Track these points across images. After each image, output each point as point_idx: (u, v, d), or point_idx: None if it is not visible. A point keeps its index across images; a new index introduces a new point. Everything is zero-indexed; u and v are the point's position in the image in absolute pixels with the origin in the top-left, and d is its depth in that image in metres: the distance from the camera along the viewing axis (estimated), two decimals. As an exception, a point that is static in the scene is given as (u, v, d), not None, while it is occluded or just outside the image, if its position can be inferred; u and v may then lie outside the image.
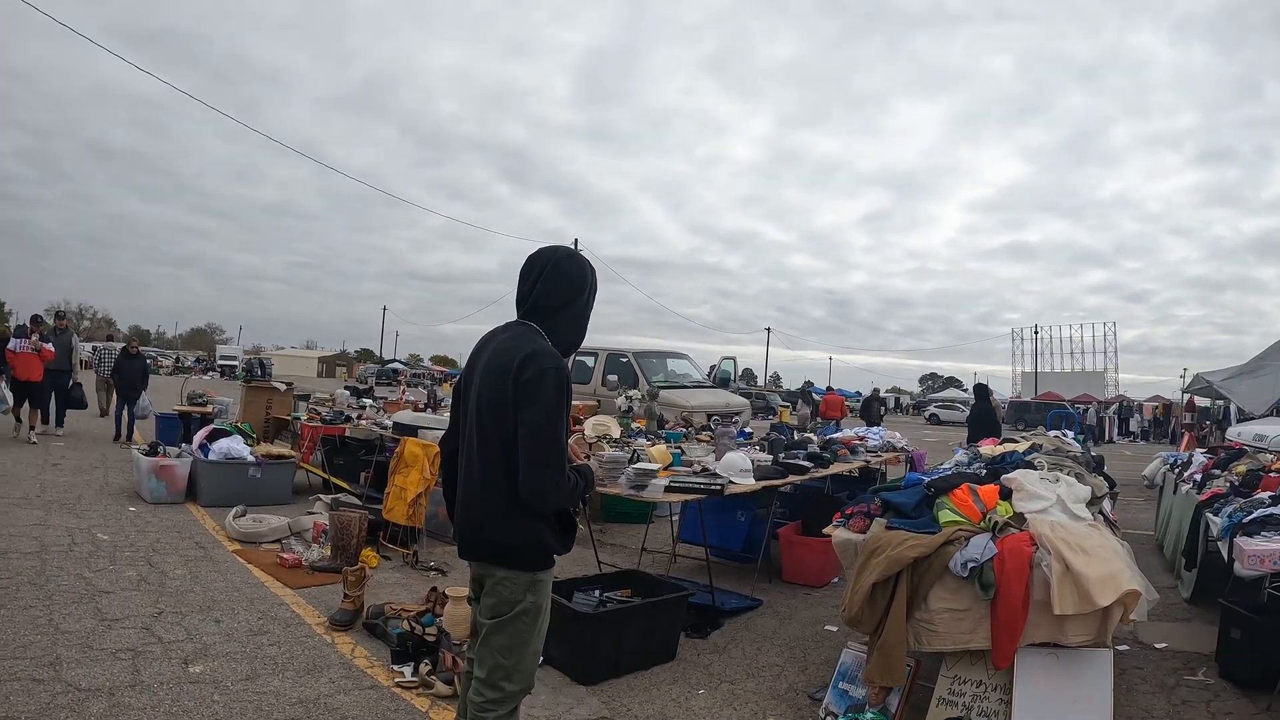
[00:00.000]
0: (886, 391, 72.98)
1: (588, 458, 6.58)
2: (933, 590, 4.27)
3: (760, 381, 73.41)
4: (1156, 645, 6.20)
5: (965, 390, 71.26)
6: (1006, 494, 4.80)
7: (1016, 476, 4.93)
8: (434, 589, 5.68)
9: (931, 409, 59.92)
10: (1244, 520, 5.37)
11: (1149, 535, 10.56)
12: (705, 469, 6.65)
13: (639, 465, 6.01)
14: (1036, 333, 64.25)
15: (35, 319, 13.96)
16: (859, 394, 60.41)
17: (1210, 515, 6.32)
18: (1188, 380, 23.41)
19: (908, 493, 5.02)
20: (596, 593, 5.50)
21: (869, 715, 4.32)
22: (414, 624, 5.15)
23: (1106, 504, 5.58)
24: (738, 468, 6.37)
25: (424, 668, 4.70)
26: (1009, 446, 7.00)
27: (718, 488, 6.00)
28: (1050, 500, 4.68)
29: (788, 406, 40.27)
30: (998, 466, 5.70)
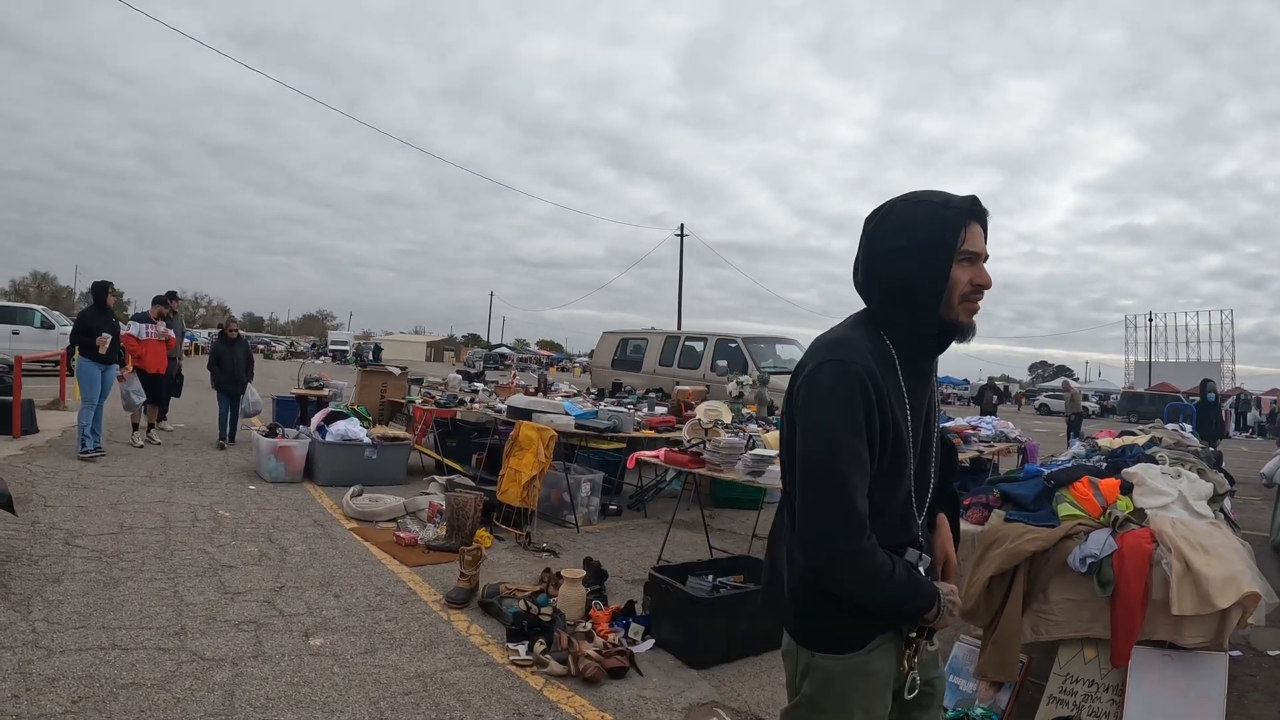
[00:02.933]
0: (997, 379, 71.61)
1: (704, 443, 6.56)
2: (1051, 584, 4.21)
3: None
4: (1270, 652, 6.01)
5: (1078, 380, 69.59)
6: (1127, 489, 4.67)
7: (1138, 471, 4.78)
8: (548, 570, 5.72)
9: (1041, 398, 58.69)
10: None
11: (1264, 536, 10.13)
12: None
13: (756, 451, 5.96)
14: (1150, 320, 62.46)
15: (159, 300, 12.48)
16: (967, 382, 59.21)
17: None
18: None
19: (1027, 485, 4.92)
20: (710, 578, 5.49)
21: (979, 711, 4.28)
22: (529, 604, 5.20)
23: (1227, 502, 5.35)
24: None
25: (539, 646, 4.75)
26: (1128, 440, 6.75)
27: None
28: (1172, 496, 4.54)
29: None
30: (1118, 460, 5.55)
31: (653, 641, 5.11)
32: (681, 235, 45.32)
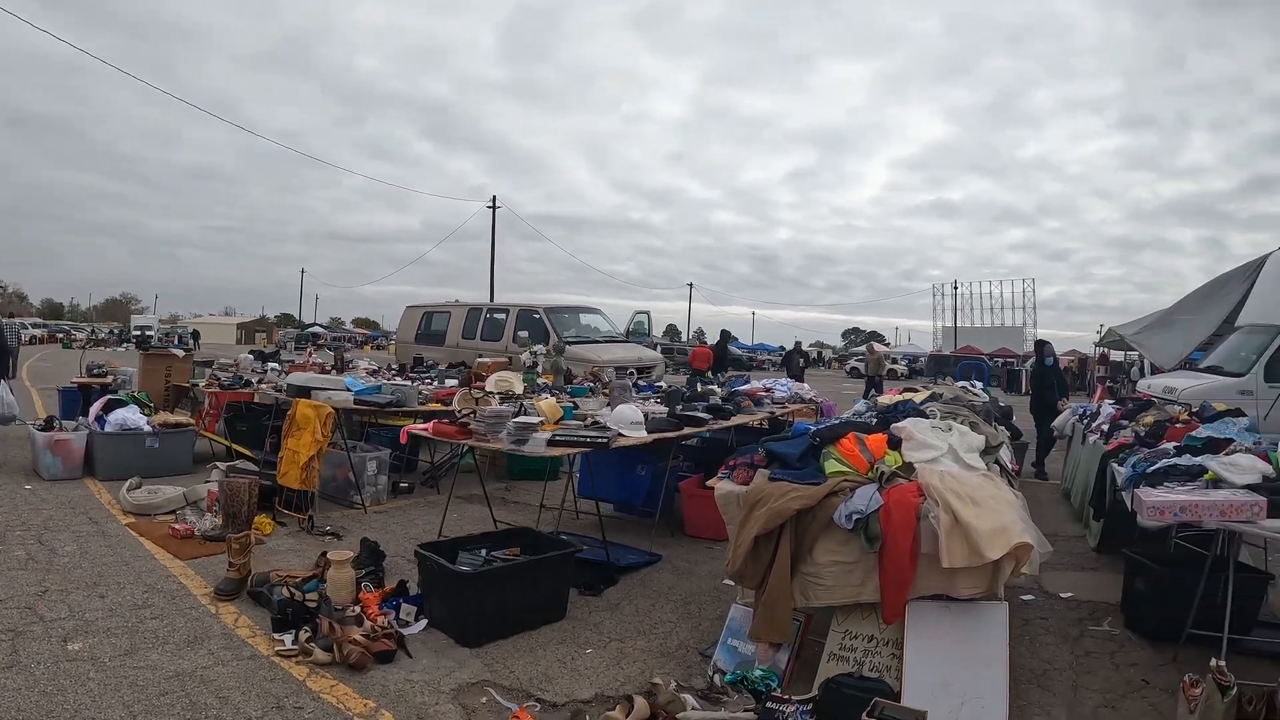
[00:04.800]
0: (810, 346, 73.73)
1: (473, 413, 6.47)
2: (818, 543, 4.19)
3: (685, 337, 73.55)
4: (1062, 595, 6.22)
5: (888, 344, 72.58)
6: (896, 443, 4.72)
7: (906, 425, 4.84)
8: (323, 554, 5.52)
9: (852, 362, 60.59)
10: (1148, 470, 5.34)
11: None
12: (596, 422, 6.52)
13: (520, 419, 5.86)
14: (956, 289, 65.40)
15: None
16: (782, 348, 60.84)
17: (1115, 465, 6.31)
18: (1102, 334, 23.77)
19: (793, 443, 4.89)
20: (483, 552, 5.34)
21: (758, 672, 4.23)
22: (295, 590, 4.99)
23: (1004, 454, 5.53)
24: (628, 420, 6.28)
25: (303, 635, 4.54)
26: (907, 396, 6.97)
27: (604, 440, 5.90)
28: (941, 450, 4.61)
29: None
30: (888, 415, 5.61)
31: (425, 622, 4.94)
32: (494, 207, 44.91)
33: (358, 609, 4.78)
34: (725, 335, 21.80)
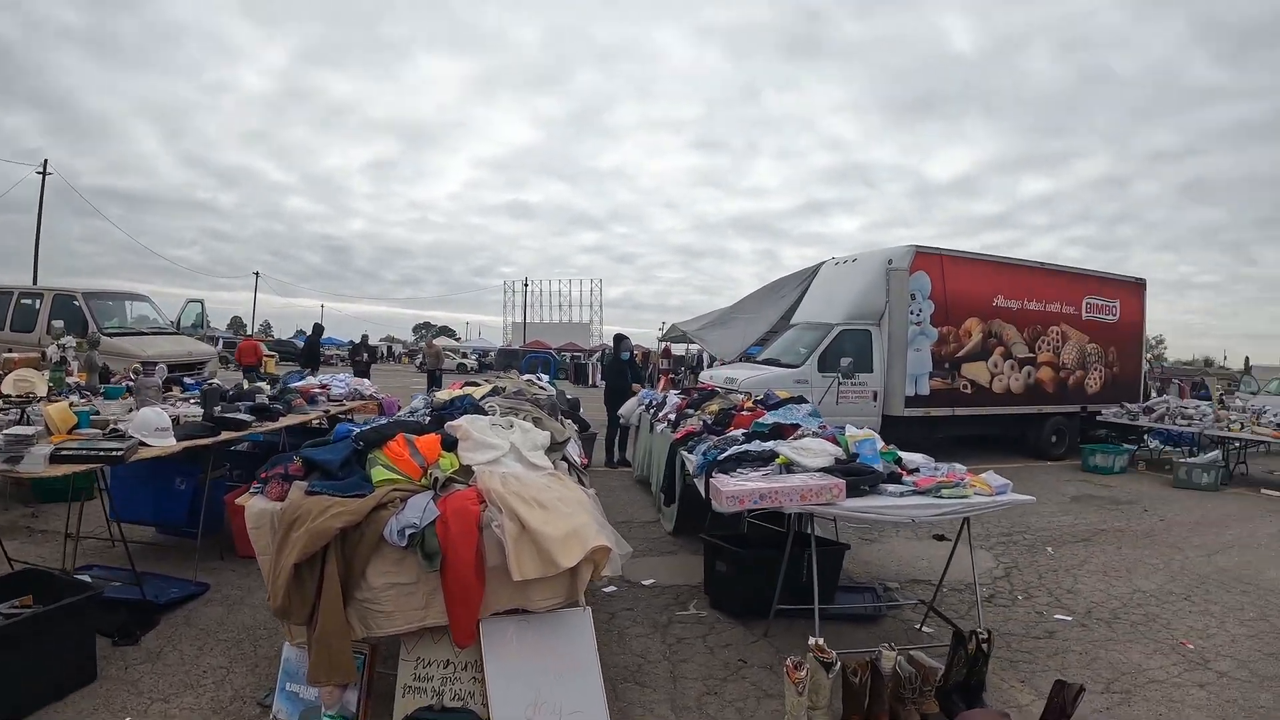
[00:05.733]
0: (380, 340, 72.67)
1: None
2: (371, 565, 3.67)
3: (251, 330, 69.78)
4: (645, 582, 6.18)
5: (459, 339, 73.27)
6: (452, 444, 4.31)
7: (462, 423, 4.45)
8: None
9: (421, 356, 60.53)
10: (719, 458, 5.34)
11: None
12: (115, 430, 5.45)
13: (10, 430, 4.74)
14: (527, 285, 67.21)
15: None
16: (351, 342, 59.72)
17: (685, 453, 6.35)
18: (665, 330, 24.99)
19: (334, 448, 4.29)
20: (-12, 604, 4.23)
21: (326, 718, 3.69)
22: None
23: (572, 449, 5.33)
24: (153, 426, 5.36)
25: None
26: (467, 391, 6.58)
27: (119, 453, 4.87)
28: (502, 449, 4.26)
29: (273, 356, 38.19)
30: (443, 413, 5.22)
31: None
32: (44, 173, 39.19)
33: None
34: (318, 329, 20.75)
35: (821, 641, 3.87)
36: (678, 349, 33.00)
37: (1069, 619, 5.98)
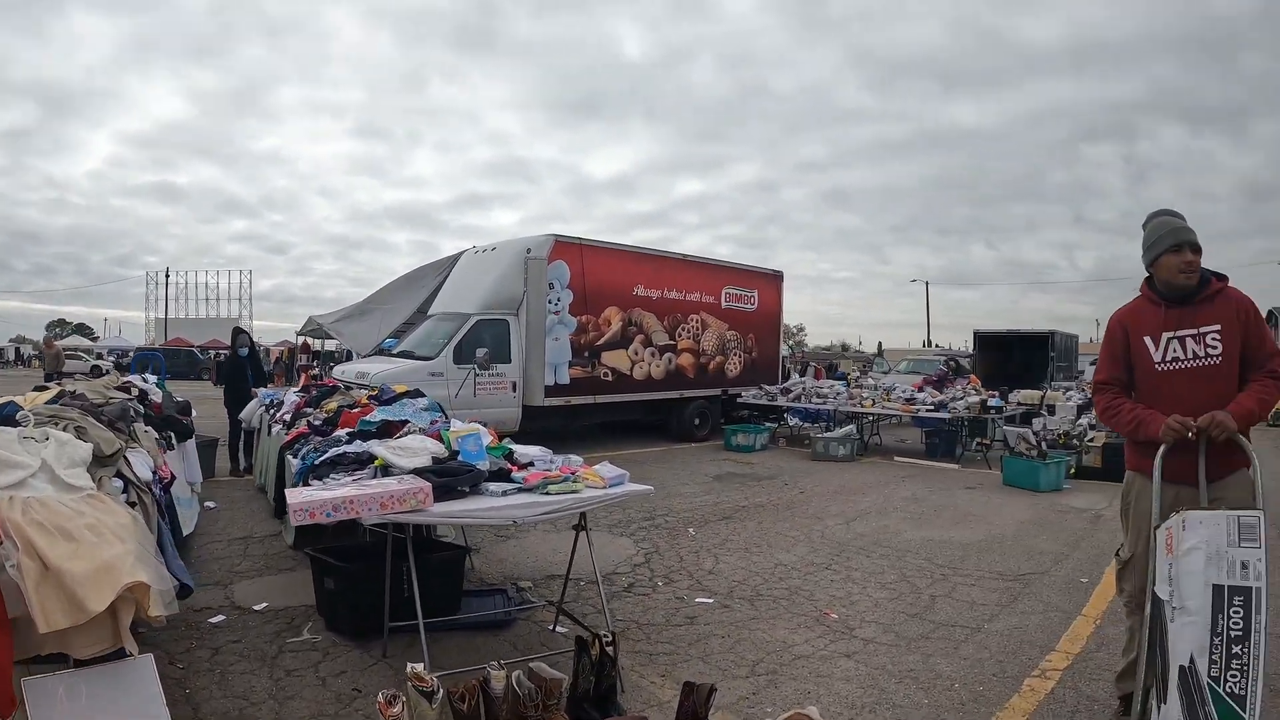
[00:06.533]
0: (10, 341, 65.96)
1: None
2: None
3: None
4: (256, 607, 5.45)
5: (95, 338, 67.69)
6: None
7: None
8: None
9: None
10: (317, 462, 4.78)
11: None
12: None
13: None
14: (168, 277, 62.58)
15: None
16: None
17: (290, 457, 5.75)
18: (304, 324, 23.80)
19: None
20: None
21: None
22: None
23: (140, 462, 4.59)
24: None
25: None
26: (45, 394, 5.67)
27: None
28: (31, 468, 3.49)
29: None
30: None
31: None
32: None
33: None
34: None
35: (420, 668, 3.34)
36: (331, 344, 31.75)
37: (710, 601, 5.84)
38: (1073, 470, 12.07)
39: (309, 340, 31.09)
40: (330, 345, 32.35)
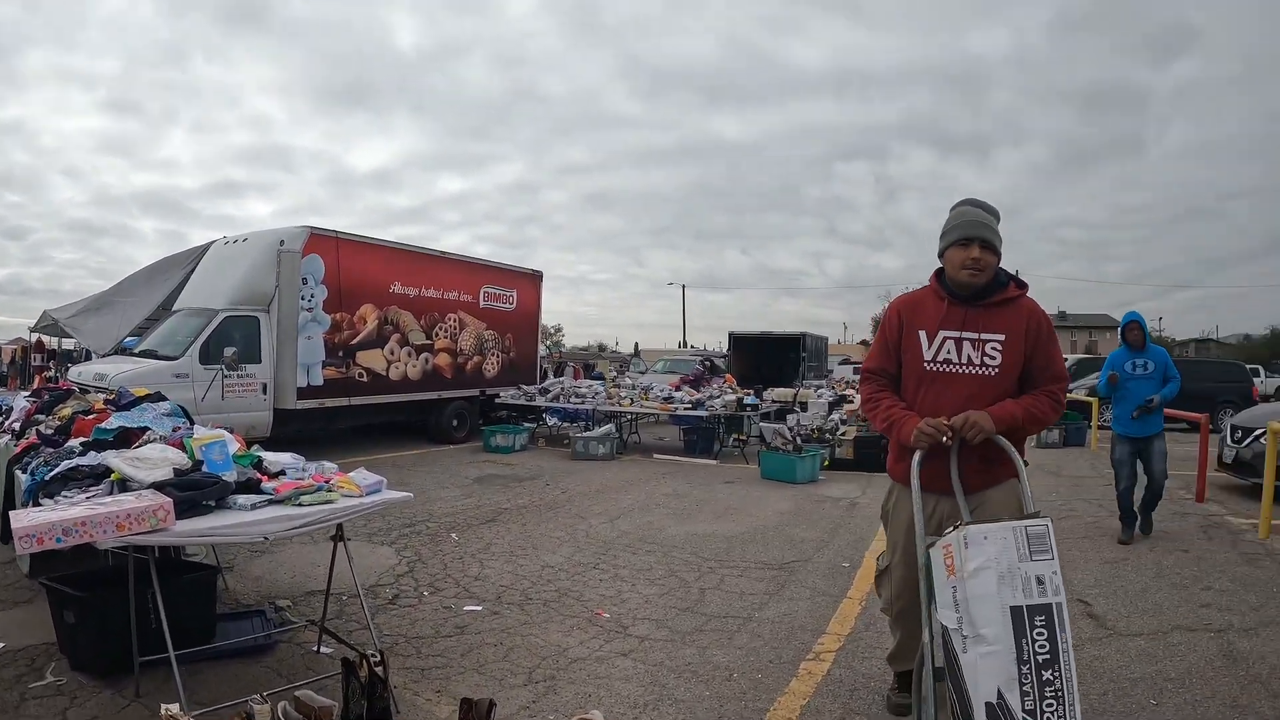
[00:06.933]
0: None
1: None
2: None
3: None
4: None
5: None
6: None
7: None
8: None
9: None
10: (47, 477, 4.43)
11: None
12: None
13: None
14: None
15: None
16: None
17: (19, 472, 5.29)
18: (38, 320, 22.21)
19: None
20: None
21: None
22: None
23: None
24: None
25: None
26: None
27: None
28: None
29: None
30: None
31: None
32: None
33: None
34: None
35: (174, 709, 3.07)
36: (69, 343, 29.66)
37: (479, 608, 5.71)
38: (827, 463, 12.72)
39: (43, 338, 28.97)
40: (68, 344, 30.28)
